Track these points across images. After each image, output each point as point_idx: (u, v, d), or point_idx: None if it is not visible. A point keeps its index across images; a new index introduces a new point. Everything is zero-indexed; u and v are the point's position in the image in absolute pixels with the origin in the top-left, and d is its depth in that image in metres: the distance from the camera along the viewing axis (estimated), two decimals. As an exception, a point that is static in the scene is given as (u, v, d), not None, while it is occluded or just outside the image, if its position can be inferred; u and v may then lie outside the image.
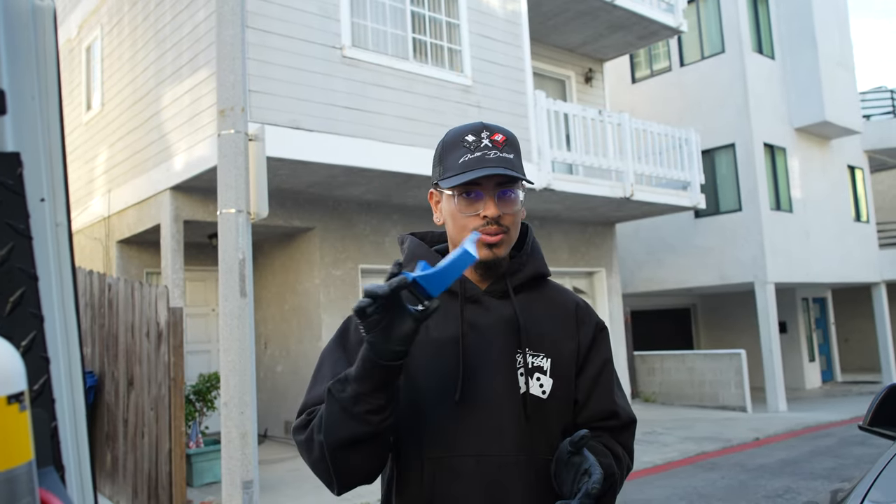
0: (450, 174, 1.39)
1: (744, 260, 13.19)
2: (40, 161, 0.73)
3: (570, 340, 1.45)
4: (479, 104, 8.85)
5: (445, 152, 1.43)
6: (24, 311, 0.64)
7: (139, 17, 8.82)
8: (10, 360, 0.54)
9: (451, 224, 1.43)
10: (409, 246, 1.53)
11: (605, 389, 1.47)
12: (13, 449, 0.52)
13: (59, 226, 0.74)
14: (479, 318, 1.41)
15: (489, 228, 1.37)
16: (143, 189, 8.30)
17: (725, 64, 13.77)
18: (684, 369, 13.15)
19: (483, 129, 1.41)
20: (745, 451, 8.73)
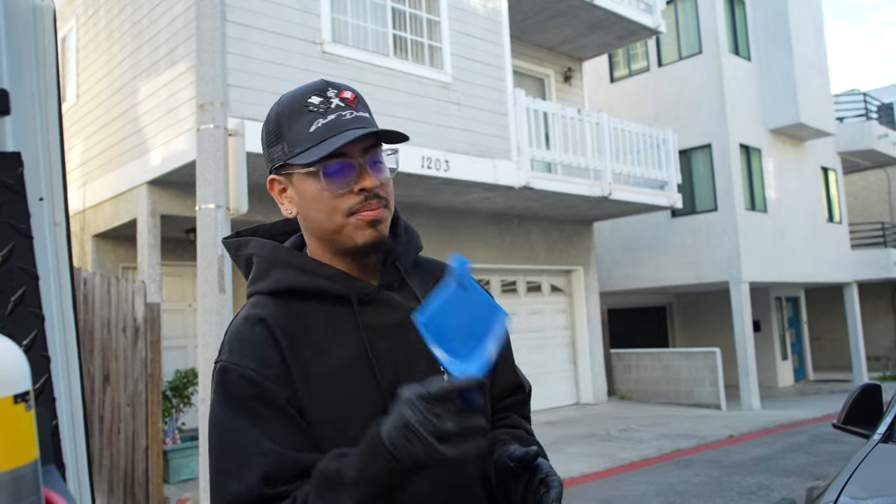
0: (302, 148, 1.11)
1: (719, 259, 13.35)
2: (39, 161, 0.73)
3: None
4: (458, 101, 8.86)
5: (285, 123, 1.14)
6: (25, 311, 0.64)
7: (115, 9, 8.70)
8: (15, 359, 0.54)
9: (317, 209, 1.14)
10: (262, 252, 1.20)
11: (508, 363, 1.36)
12: (19, 448, 0.53)
13: (58, 225, 0.74)
14: (382, 320, 1.16)
15: (369, 204, 1.12)
16: (120, 183, 8.21)
17: (702, 65, 13.91)
18: (660, 367, 13.29)
19: (328, 87, 1.15)
20: (720, 448, 8.86)
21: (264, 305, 1.14)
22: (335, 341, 1.13)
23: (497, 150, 9.15)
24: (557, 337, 12.46)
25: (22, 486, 0.52)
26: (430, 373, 1.10)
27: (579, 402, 12.47)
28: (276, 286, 1.15)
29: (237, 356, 1.08)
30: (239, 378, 1.06)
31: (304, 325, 1.13)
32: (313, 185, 1.12)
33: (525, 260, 11.64)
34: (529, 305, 12.07)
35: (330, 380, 1.09)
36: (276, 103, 1.17)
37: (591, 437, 9.35)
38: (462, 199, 9.82)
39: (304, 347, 1.11)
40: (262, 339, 1.09)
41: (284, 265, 1.17)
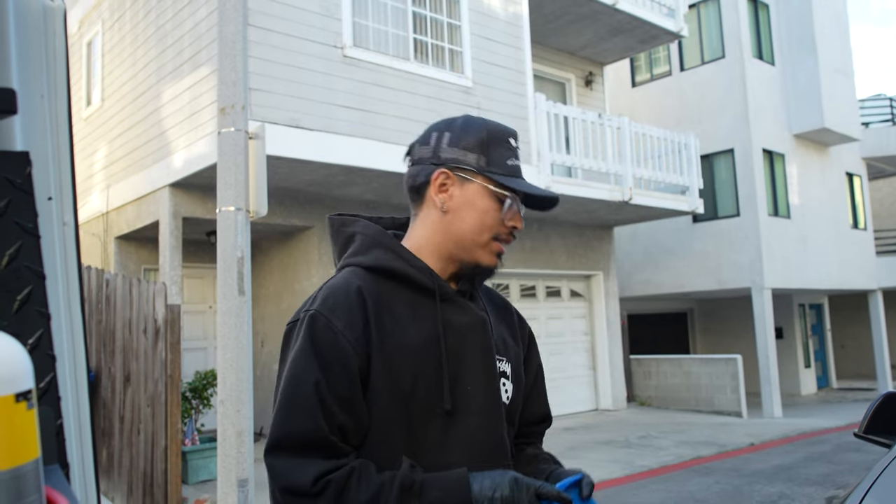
0: (497, 171, 1.29)
1: (741, 265, 13.21)
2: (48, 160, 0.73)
3: (516, 343, 1.42)
4: (479, 105, 8.85)
5: (491, 144, 1.31)
6: (31, 310, 0.64)
7: (140, 14, 8.81)
8: (18, 358, 0.54)
9: (474, 219, 1.29)
10: (368, 232, 1.34)
11: (541, 393, 1.47)
12: (20, 447, 0.53)
13: (67, 225, 0.74)
14: (454, 318, 1.28)
15: (509, 238, 1.31)
16: (143, 185, 8.30)
17: (725, 69, 13.79)
18: (680, 373, 13.17)
19: (517, 137, 1.36)
20: (741, 457, 8.75)
21: (361, 277, 1.28)
22: (413, 323, 1.24)
23: (517, 155, 9.12)
24: (577, 342, 12.39)
25: (23, 485, 0.52)
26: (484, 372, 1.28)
27: (598, 408, 12.39)
28: (375, 263, 1.29)
29: (329, 310, 1.21)
30: (326, 329, 1.19)
31: (389, 301, 1.26)
32: (487, 202, 1.29)
33: (545, 265, 11.59)
34: (549, 310, 12.02)
35: (402, 354, 1.21)
36: (483, 122, 1.33)
37: (611, 444, 9.28)
38: (481, 203, 9.80)
39: (388, 320, 1.23)
40: (354, 303, 1.22)
41: (385, 248, 1.31)
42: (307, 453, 1.12)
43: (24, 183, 0.68)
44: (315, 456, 1.12)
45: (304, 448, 1.12)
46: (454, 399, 1.22)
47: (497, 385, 1.29)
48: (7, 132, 0.68)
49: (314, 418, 1.13)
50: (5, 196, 0.65)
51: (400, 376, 1.19)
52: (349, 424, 1.16)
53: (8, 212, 0.65)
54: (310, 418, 1.13)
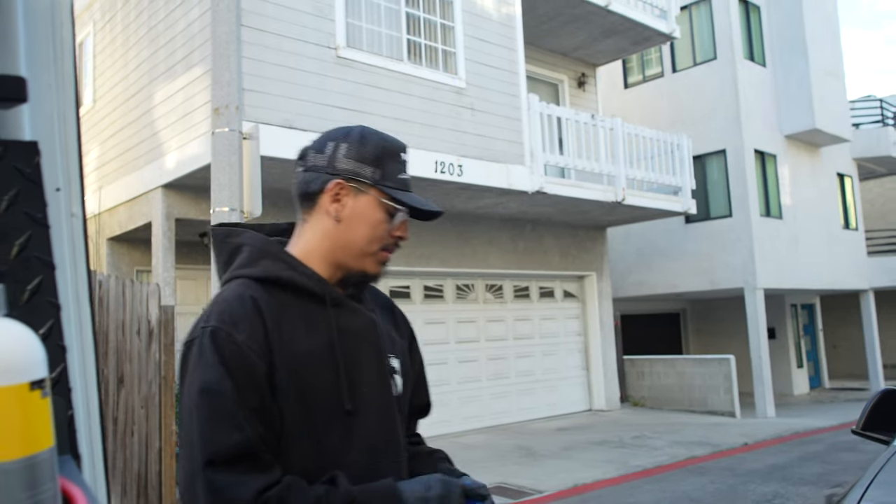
0: (391, 185, 1.32)
1: (734, 265, 13.26)
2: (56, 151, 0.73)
3: (402, 338, 1.48)
4: (472, 106, 8.86)
5: (385, 157, 1.34)
6: (41, 300, 0.64)
7: (132, 14, 8.78)
8: (32, 347, 0.54)
9: (363, 230, 1.32)
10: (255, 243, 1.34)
11: (424, 383, 1.55)
12: (35, 435, 0.52)
13: (75, 216, 0.74)
14: (347, 322, 1.32)
15: (394, 248, 1.36)
16: (135, 186, 8.26)
17: (717, 71, 13.85)
18: (674, 374, 13.20)
19: (406, 150, 1.39)
20: (735, 456, 8.78)
21: (252, 288, 1.28)
22: (308, 331, 1.27)
23: (510, 155, 9.15)
24: (570, 343, 12.41)
25: (38, 473, 0.52)
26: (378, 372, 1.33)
27: (592, 409, 12.41)
28: (264, 274, 1.30)
29: (228, 324, 1.21)
30: (228, 342, 1.18)
31: (284, 311, 1.27)
32: (379, 214, 1.32)
33: (538, 265, 11.61)
34: (542, 311, 12.04)
35: (301, 361, 1.24)
36: (379, 135, 1.37)
37: (604, 444, 9.30)
38: (475, 203, 9.81)
39: (285, 327, 1.25)
40: (251, 313, 1.23)
41: (273, 258, 1.32)
42: (242, 467, 1.13)
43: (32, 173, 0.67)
44: (249, 469, 1.13)
45: (238, 461, 1.13)
46: (353, 400, 1.27)
47: (389, 383, 1.35)
48: (16, 121, 0.68)
49: (240, 429, 1.13)
50: (14, 186, 0.65)
51: (302, 382, 1.22)
52: (266, 434, 1.17)
53: (17, 201, 0.65)
54: (235, 430, 1.13)
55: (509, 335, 11.43)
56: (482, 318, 11.06)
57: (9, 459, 0.50)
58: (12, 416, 0.51)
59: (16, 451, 0.51)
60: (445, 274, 10.53)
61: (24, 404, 0.52)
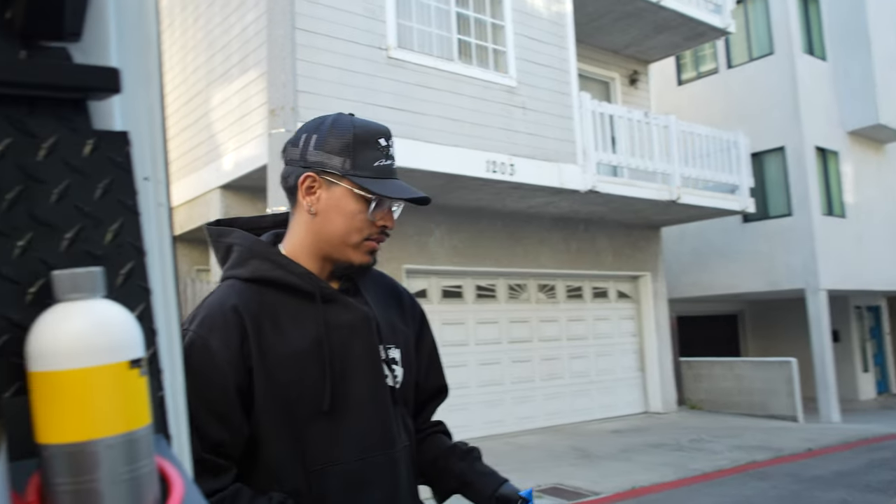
0: (365, 174, 1.29)
1: (794, 266, 12.89)
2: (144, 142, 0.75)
3: (406, 325, 1.47)
4: (523, 105, 8.83)
5: (357, 147, 1.30)
6: (133, 284, 0.66)
7: (190, 20, 9.01)
8: (131, 327, 0.56)
9: (342, 222, 1.30)
10: (243, 243, 1.36)
11: (438, 367, 1.55)
12: (134, 412, 0.54)
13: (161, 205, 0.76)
14: (337, 318, 1.32)
15: (381, 237, 1.33)
16: (194, 188, 8.48)
17: (774, 65, 13.49)
18: (732, 377, 12.90)
19: (390, 136, 1.35)
20: (798, 462, 8.53)
21: (239, 291, 1.31)
22: (296, 329, 1.29)
23: (562, 154, 9.08)
24: (625, 344, 12.25)
25: (136, 449, 0.53)
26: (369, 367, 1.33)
27: (648, 411, 12.22)
28: (252, 275, 1.32)
29: (206, 330, 1.25)
30: (202, 350, 1.23)
31: (270, 312, 1.29)
32: (353, 205, 1.30)
33: (591, 265, 11.49)
34: (596, 311, 11.90)
35: (286, 361, 1.26)
36: (351, 123, 1.32)
37: (661, 447, 9.14)
38: (527, 203, 9.77)
39: (268, 331, 1.27)
40: (231, 322, 1.25)
41: (261, 257, 1.33)
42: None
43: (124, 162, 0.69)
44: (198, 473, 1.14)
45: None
46: (342, 396, 1.28)
47: (381, 376, 1.34)
48: (107, 112, 0.70)
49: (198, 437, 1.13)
50: (108, 174, 0.67)
51: (284, 384, 1.25)
52: (226, 437, 1.20)
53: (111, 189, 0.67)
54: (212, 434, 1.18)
55: (562, 336, 11.33)
56: (535, 319, 11.00)
57: (111, 434, 0.52)
58: (114, 393, 0.53)
59: (118, 426, 0.52)
60: (497, 274, 10.51)
61: (124, 382, 0.53)
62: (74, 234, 0.63)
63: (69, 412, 0.51)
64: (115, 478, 0.52)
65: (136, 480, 0.53)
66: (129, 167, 0.69)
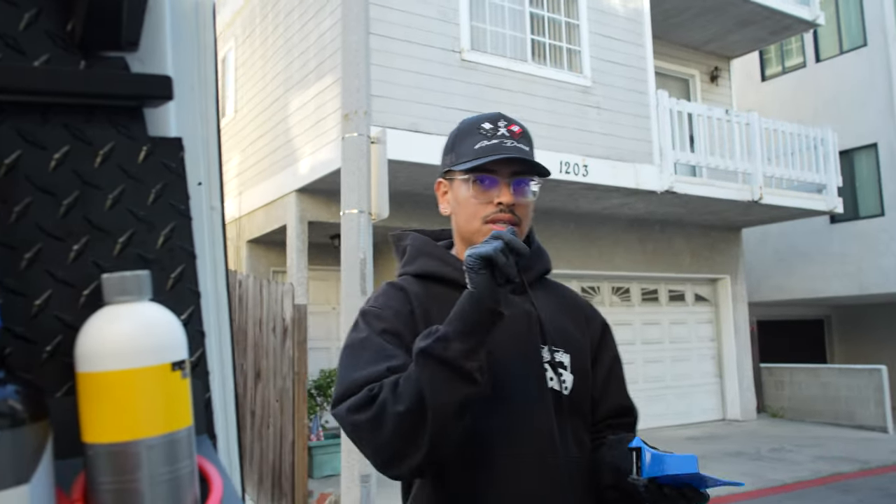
0: (465, 159, 1.35)
1: (886, 269, 12.23)
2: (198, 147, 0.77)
3: (583, 336, 1.45)
4: (598, 105, 8.69)
5: (459, 139, 1.39)
6: (183, 287, 0.67)
7: (269, 28, 9.27)
8: (174, 329, 0.57)
9: (462, 212, 1.38)
10: (415, 243, 1.47)
11: (618, 385, 1.48)
12: (175, 413, 0.55)
13: (214, 209, 0.77)
14: None
15: (502, 216, 1.32)
16: (271, 191, 8.71)
17: (867, 58, 12.83)
18: (817, 384, 12.33)
19: (500, 118, 1.39)
20: (887, 475, 8.08)
21: (409, 282, 1.41)
22: None
23: (638, 154, 8.89)
24: (702, 348, 11.88)
25: (177, 450, 0.55)
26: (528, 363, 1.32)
27: (725, 418, 11.82)
28: (419, 270, 1.42)
29: (380, 304, 1.35)
30: (376, 317, 1.32)
31: (436, 303, 1.34)
32: (465, 192, 1.36)
33: (667, 268, 11.20)
34: (672, 315, 11.60)
35: None
36: (463, 121, 1.43)
37: (740, 456, 8.83)
38: (601, 204, 9.61)
39: (432, 315, 1.31)
40: (400, 299, 1.35)
41: (429, 255, 1.43)
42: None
43: (177, 167, 0.71)
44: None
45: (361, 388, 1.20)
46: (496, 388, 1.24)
47: (541, 372, 1.32)
48: (162, 119, 0.72)
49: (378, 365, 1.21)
50: (161, 179, 0.69)
51: None
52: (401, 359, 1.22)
53: (164, 194, 0.69)
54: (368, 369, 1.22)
55: (637, 339, 11.09)
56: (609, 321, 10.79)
57: (152, 435, 0.53)
58: (155, 394, 0.54)
59: (159, 427, 0.54)
60: (570, 276, 10.37)
61: (166, 384, 0.54)
62: (127, 238, 0.65)
63: (112, 412, 0.52)
64: (155, 478, 0.53)
65: (176, 481, 0.54)
66: (183, 172, 0.71)
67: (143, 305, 0.56)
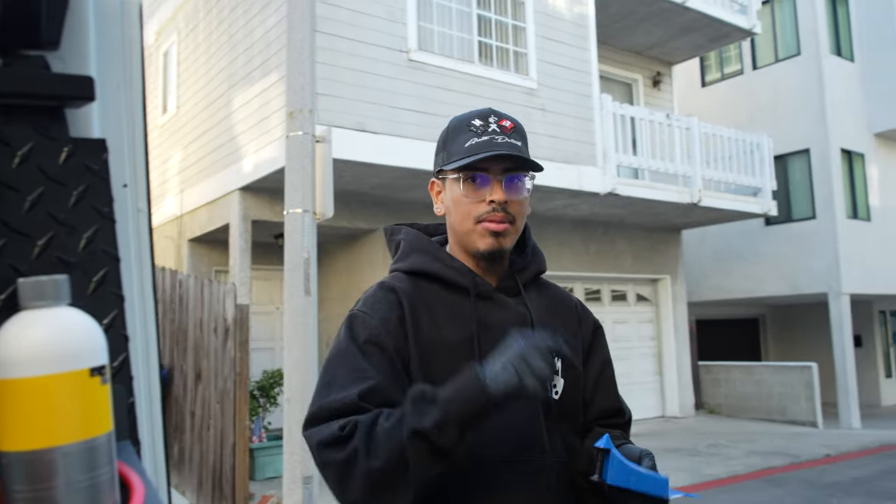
0: (456, 158, 1.32)
1: (817, 270, 12.72)
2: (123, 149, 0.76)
3: (575, 338, 1.42)
4: (543, 107, 8.79)
5: (450, 138, 1.37)
6: (106, 291, 0.66)
7: (213, 23, 9.09)
8: (94, 334, 0.56)
9: (455, 211, 1.34)
10: (408, 238, 1.42)
11: (609, 387, 1.46)
12: (94, 419, 0.54)
13: (140, 212, 0.76)
14: (491, 316, 1.31)
15: (495, 215, 1.29)
16: (214, 189, 8.55)
17: (801, 66, 13.32)
18: (751, 381, 12.75)
19: (491, 114, 1.36)
20: (815, 468, 8.41)
21: (399, 280, 1.36)
22: (449, 322, 1.29)
23: (582, 156, 9.03)
24: (643, 347, 12.15)
25: (95, 456, 0.54)
26: None
27: (665, 415, 12.11)
28: (411, 267, 1.37)
29: (367, 308, 1.30)
30: (363, 323, 1.27)
31: (427, 302, 1.31)
32: (457, 191, 1.33)
33: (610, 268, 11.41)
34: (614, 314, 11.83)
35: (437, 351, 1.26)
36: (452, 119, 1.41)
37: (678, 452, 9.06)
38: (546, 205, 9.73)
39: (423, 318, 1.28)
40: (389, 303, 1.30)
41: (422, 252, 1.39)
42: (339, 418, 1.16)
43: (100, 169, 0.70)
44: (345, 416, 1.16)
45: (336, 415, 1.16)
46: None
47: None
48: (85, 119, 0.71)
49: (348, 391, 1.17)
50: (83, 181, 0.68)
51: (432, 370, 1.23)
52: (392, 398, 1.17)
53: (85, 196, 0.67)
54: (343, 391, 1.18)
55: (580, 338, 11.26)
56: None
57: (70, 442, 0.52)
58: (72, 400, 0.53)
59: (76, 434, 0.53)
60: (515, 276, 10.47)
61: (84, 390, 0.54)
62: (46, 241, 0.64)
63: (27, 420, 0.52)
64: (72, 485, 0.52)
65: (94, 487, 0.53)
66: (106, 174, 0.70)
67: (60, 310, 0.55)
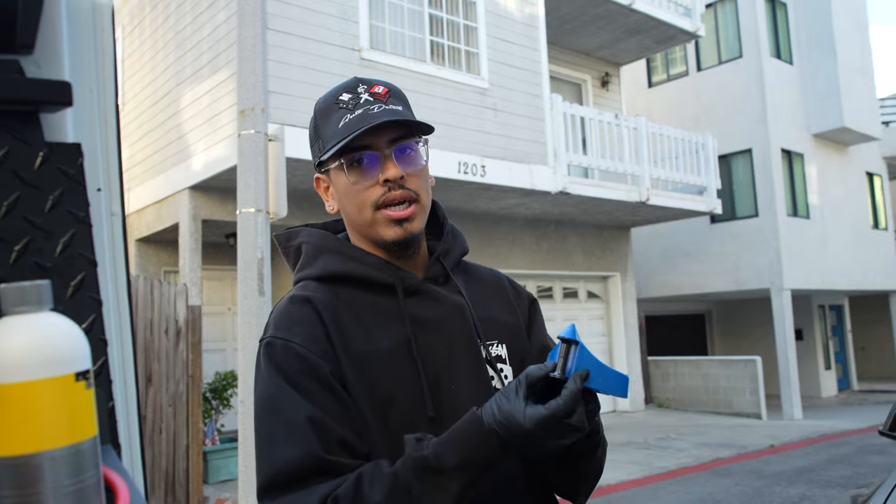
0: (332, 143, 1.12)
1: (760, 266, 13.12)
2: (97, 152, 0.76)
3: (513, 318, 1.27)
4: (495, 106, 8.87)
5: (320, 123, 1.16)
6: (84, 295, 0.66)
7: (160, 19, 8.91)
8: (78, 339, 0.56)
9: (349, 203, 1.15)
10: (311, 240, 1.20)
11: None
12: (80, 424, 0.55)
13: (115, 215, 0.76)
14: (424, 312, 1.14)
15: (394, 195, 1.11)
16: (162, 188, 8.38)
17: (743, 69, 13.72)
18: (699, 375, 13.09)
19: (358, 84, 1.16)
20: (761, 458, 8.69)
21: (312, 289, 1.14)
22: (379, 328, 1.11)
23: (533, 156, 9.14)
24: (594, 343, 12.36)
25: (82, 461, 0.54)
26: (469, 365, 1.14)
27: (616, 410, 12.34)
28: (323, 272, 1.16)
29: (284, 332, 1.08)
30: (286, 351, 1.06)
31: (349, 310, 1.12)
32: (343, 180, 1.14)
33: (562, 266, 11.58)
34: (566, 312, 12.00)
35: (372, 363, 1.08)
36: (317, 102, 1.20)
37: (629, 445, 9.25)
38: (498, 204, 9.81)
39: (349, 329, 1.10)
40: (309, 318, 1.09)
41: (332, 252, 1.17)
42: (306, 483, 0.98)
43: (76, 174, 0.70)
44: (317, 482, 0.98)
45: (300, 479, 0.98)
46: (439, 403, 1.09)
47: (485, 375, 1.15)
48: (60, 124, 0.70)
49: (302, 443, 0.99)
50: (59, 186, 0.68)
51: (374, 384, 1.07)
52: (348, 435, 1.02)
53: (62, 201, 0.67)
54: (295, 446, 0.99)
55: (532, 336, 11.40)
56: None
57: (56, 447, 0.53)
58: (59, 405, 0.53)
59: (62, 439, 0.53)
60: (468, 274, 10.54)
61: (70, 394, 0.54)
62: (23, 246, 0.64)
63: (13, 425, 0.52)
64: (59, 490, 0.52)
65: (81, 492, 0.53)
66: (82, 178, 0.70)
67: (44, 315, 0.55)
